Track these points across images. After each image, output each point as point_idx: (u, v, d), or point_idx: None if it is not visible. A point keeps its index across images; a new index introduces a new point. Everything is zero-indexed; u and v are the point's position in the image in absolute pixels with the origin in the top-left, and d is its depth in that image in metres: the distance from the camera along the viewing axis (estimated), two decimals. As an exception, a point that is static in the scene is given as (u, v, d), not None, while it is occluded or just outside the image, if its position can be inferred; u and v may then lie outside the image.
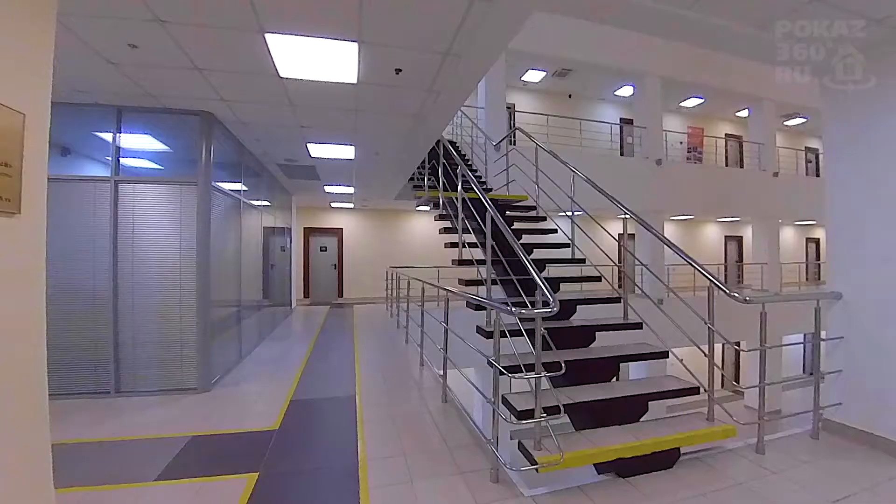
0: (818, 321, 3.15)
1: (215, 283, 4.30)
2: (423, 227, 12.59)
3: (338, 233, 12.34)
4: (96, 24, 2.60)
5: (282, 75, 3.30)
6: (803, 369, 12.67)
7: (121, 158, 3.98)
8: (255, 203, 6.27)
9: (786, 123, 14.15)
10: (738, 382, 11.31)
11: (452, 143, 8.15)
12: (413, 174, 7.09)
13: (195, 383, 4.01)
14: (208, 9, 2.43)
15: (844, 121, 3.22)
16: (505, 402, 2.67)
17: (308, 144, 5.32)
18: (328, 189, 8.79)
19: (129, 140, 4.08)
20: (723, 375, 10.02)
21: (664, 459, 2.57)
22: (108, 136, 3.96)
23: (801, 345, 11.43)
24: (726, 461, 2.69)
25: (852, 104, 3.16)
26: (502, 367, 2.49)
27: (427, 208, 7.68)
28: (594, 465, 2.51)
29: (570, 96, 11.97)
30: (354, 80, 3.39)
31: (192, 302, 4.02)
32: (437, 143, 5.71)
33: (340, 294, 12.19)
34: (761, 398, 2.82)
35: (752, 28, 2.75)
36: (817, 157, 14.77)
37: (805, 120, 13.81)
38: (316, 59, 3.05)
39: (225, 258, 4.82)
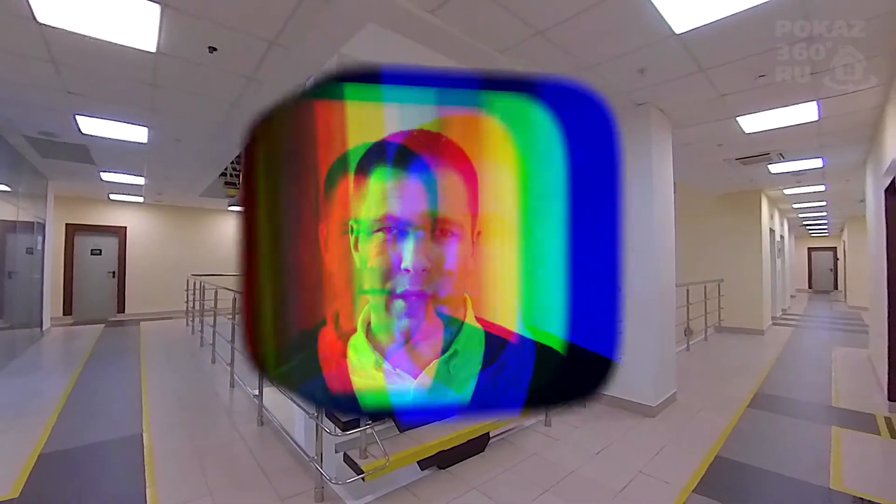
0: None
1: None
2: (235, 230, 11.19)
3: (119, 232, 9.87)
4: None
5: (40, 20, 2.50)
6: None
7: None
8: (-18, 187, 4.57)
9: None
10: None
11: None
12: (226, 169, 6.27)
13: None
14: None
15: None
16: (329, 414, 2.56)
17: (78, 117, 4.16)
18: (107, 177, 6.99)
19: None
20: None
21: (477, 445, 2.88)
22: None
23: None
24: (524, 437, 3.17)
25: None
26: (329, 377, 2.40)
27: (242, 209, 6.87)
28: (417, 462, 2.62)
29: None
30: (153, 49, 2.82)
31: None
32: (259, 138, 5.19)
33: (121, 309, 9.77)
34: (549, 381, 3.46)
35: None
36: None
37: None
38: (98, 10, 2.42)
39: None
